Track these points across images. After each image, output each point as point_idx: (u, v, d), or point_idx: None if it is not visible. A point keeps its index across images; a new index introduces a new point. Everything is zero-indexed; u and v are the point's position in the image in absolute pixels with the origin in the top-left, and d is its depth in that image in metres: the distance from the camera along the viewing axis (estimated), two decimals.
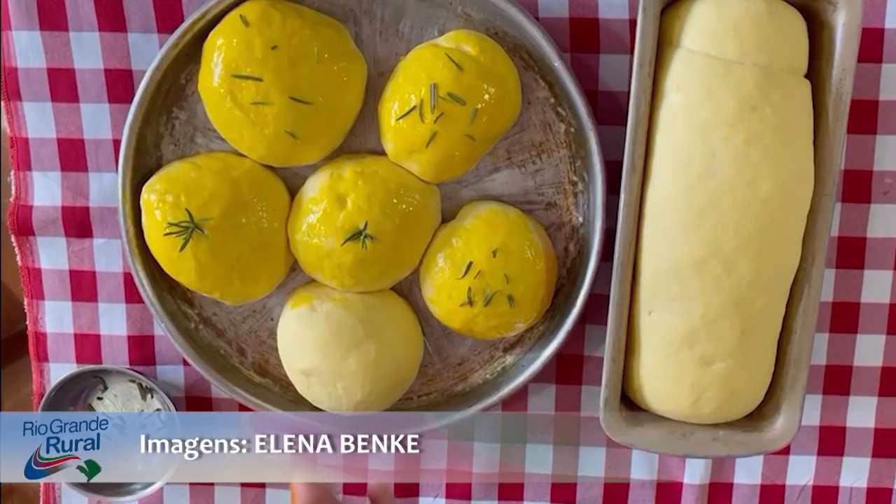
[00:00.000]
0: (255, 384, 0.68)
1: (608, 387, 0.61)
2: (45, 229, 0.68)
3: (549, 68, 0.62)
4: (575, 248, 0.65)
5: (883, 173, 0.64)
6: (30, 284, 0.70)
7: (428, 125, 0.59)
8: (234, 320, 0.67)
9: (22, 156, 0.67)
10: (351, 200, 0.61)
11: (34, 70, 0.65)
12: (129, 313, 0.69)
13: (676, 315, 0.59)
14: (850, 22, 0.56)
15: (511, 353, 0.67)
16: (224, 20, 0.60)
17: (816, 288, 0.59)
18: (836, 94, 0.57)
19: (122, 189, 0.63)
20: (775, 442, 0.62)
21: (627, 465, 0.70)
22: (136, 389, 0.71)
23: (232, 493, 0.73)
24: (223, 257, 0.62)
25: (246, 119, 0.60)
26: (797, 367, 0.61)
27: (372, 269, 0.62)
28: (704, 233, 0.57)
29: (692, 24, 0.57)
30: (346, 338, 0.62)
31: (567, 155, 0.64)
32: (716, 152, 0.56)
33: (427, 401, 0.68)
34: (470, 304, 0.62)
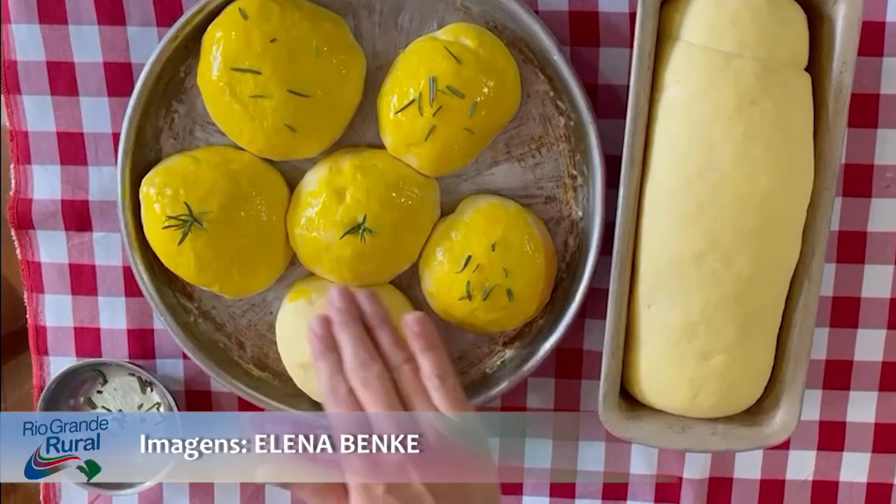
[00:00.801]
0: (255, 378, 0.68)
1: (607, 381, 0.61)
2: (45, 223, 0.68)
3: (548, 61, 0.61)
4: (574, 241, 0.65)
5: (884, 167, 0.64)
6: (30, 278, 0.70)
7: (427, 119, 0.59)
8: (234, 314, 0.67)
9: (21, 149, 0.67)
10: (350, 194, 0.61)
11: (33, 63, 0.65)
12: (128, 307, 0.70)
13: (675, 309, 0.59)
14: (850, 15, 0.56)
15: (511, 346, 0.67)
16: (223, 13, 0.60)
17: (816, 282, 0.59)
18: (836, 87, 0.57)
19: (121, 182, 0.63)
20: (775, 436, 0.62)
21: (627, 460, 0.70)
22: (135, 383, 0.71)
23: (231, 487, 0.73)
24: (222, 251, 0.62)
25: (245, 112, 0.60)
26: (797, 361, 0.61)
27: (371, 263, 0.62)
28: (703, 227, 0.57)
29: (692, 16, 0.57)
30: None
31: (567, 149, 0.64)
32: (715, 146, 0.56)
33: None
34: (469, 298, 0.62)
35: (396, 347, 0.57)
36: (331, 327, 0.58)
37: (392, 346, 0.57)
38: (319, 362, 0.57)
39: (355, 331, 0.57)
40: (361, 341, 0.57)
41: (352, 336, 0.57)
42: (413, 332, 0.58)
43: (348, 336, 0.57)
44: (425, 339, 0.57)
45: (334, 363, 0.56)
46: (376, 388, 0.55)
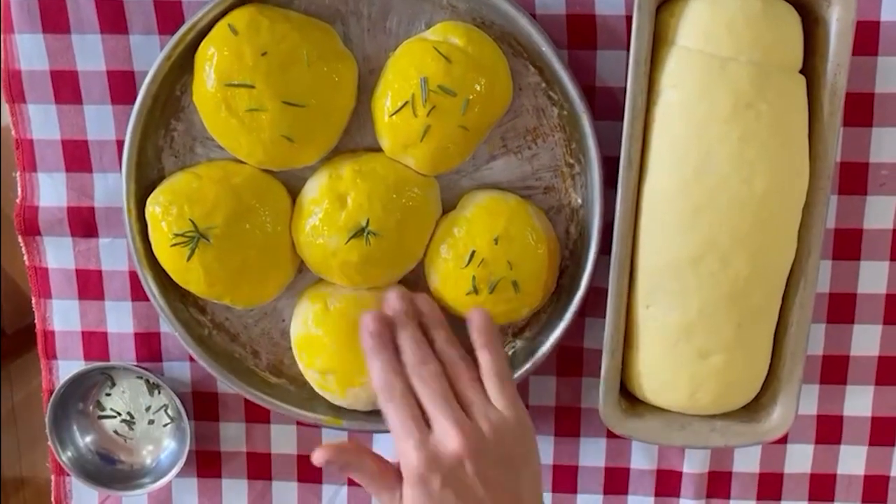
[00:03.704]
0: (272, 385, 0.68)
1: (607, 379, 0.62)
2: (52, 229, 0.69)
3: (538, 53, 0.61)
4: (576, 229, 0.65)
5: (879, 165, 0.65)
6: (37, 283, 0.70)
7: (421, 119, 0.60)
8: (247, 324, 0.68)
9: (27, 157, 0.68)
10: (351, 199, 0.61)
11: (37, 72, 0.66)
12: (135, 311, 0.70)
13: (674, 309, 0.59)
14: (844, 17, 0.56)
15: (521, 337, 0.67)
16: (213, 30, 0.60)
17: (812, 280, 0.60)
18: (830, 89, 0.57)
19: (126, 204, 0.63)
20: (772, 432, 0.62)
21: (627, 456, 0.71)
22: (143, 386, 0.72)
23: (239, 486, 0.74)
24: (230, 264, 0.62)
25: (242, 126, 0.60)
26: (794, 358, 0.61)
27: (378, 265, 0.63)
28: (701, 230, 0.57)
29: (687, 21, 0.57)
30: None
31: (562, 138, 0.64)
32: (711, 149, 0.56)
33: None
34: (475, 292, 0.62)
35: (451, 347, 0.59)
36: (384, 325, 0.59)
37: (446, 344, 0.59)
38: (373, 359, 0.58)
39: (414, 331, 0.59)
40: (420, 340, 0.59)
41: (411, 335, 0.59)
42: (476, 326, 0.59)
43: (408, 335, 0.59)
44: (486, 336, 0.59)
45: (388, 360, 0.58)
46: (434, 385, 0.56)
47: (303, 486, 0.74)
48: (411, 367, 0.57)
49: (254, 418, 0.72)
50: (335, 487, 0.73)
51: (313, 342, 0.64)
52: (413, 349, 0.58)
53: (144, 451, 0.74)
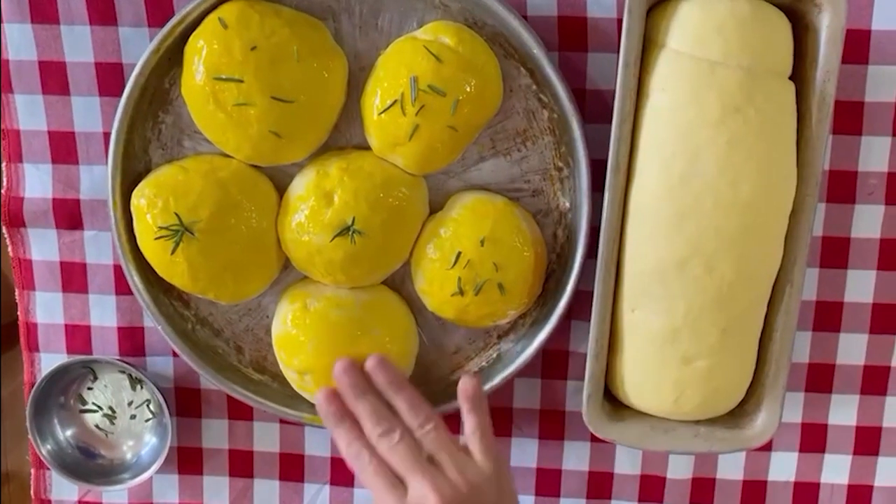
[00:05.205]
0: (255, 381, 0.68)
1: (591, 383, 0.61)
2: (37, 221, 0.69)
3: (529, 56, 0.61)
4: (563, 233, 0.65)
5: (867, 174, 0.65)
6: (21, 275, 0.70)
7: (410, 118, 0.60)
8: (231, 319, 0.68)
9: (13, 148, 0.68)
10: (338, 196, 0.61)
11: (25, 63, 0.66)
12: (119, 305, 0.70)
13: (658, 314, 0.59)
14: (834, 24, 0.56)
15: (505, 339, 0.67)
16: (203, 23, 0.60)
17: (798, 288, 0.60)
18: (819, 95, 0.57)
19: (112, 195, 0.63)
20: (756, 439, 0.62)
21: (611, 460, 0.71)
22: (125, 380, 0.72)
23: (221, 483, 0.73)
24: (215, 258, 0.62)
25: (230, 120, 0.60)
26: (778, 365, 0.61)
27: (362, 264, 0.63)
28: (686, 233, 0.57)
29: (678, 24, 0.57)
30: (340, 335, 0.63)
31: (552, 141, 0.64)
32: (699, 153, 0.56)
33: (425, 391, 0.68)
34: (461, 293, 0.62)
35: (415, 411, 0.59)
36: (339, 400, 0.59)
37: (410, 410, 0.59)
38: (336, 433, 0.59)
39: (370, 403, 0.59)
40: (379, 412, 0.59)
41: (367, 409, 0.59)
42: (466, 395, 0.60)
43: (364, 409, 0.59)
44: (474, 402, 0.60)
45: (351, 429, 0.58)
46: (402, 452, 0.56)
47: (285, 484, 0.73)
48: (375, 442, 0.57)
49: (236, 415, 0.72)
50: (317, 486, 0.73)
51: (292, 342, 0.64)
52: (372, 424, 0.58)
53: (125, 447, 0.73)
